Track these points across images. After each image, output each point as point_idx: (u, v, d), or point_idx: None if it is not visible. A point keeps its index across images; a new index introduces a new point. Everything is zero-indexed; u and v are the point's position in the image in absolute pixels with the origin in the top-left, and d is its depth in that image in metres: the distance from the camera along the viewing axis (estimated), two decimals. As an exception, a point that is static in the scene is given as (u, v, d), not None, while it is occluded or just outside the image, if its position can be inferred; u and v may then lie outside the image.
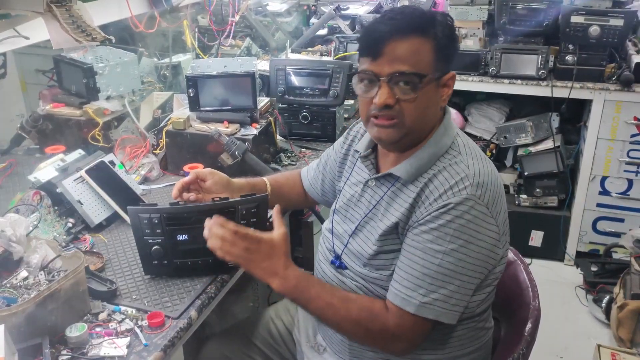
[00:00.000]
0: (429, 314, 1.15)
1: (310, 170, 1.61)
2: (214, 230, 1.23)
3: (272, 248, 1.23)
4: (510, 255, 1.50)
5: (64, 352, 1.13)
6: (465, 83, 3.01)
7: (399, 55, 1.15)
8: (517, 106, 3.33)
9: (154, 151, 1.96)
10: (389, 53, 1.16)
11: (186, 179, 1.41)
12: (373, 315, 1.20)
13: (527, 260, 1.73)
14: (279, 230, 1.26)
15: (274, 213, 1.29)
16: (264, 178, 1.57)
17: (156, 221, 1.32)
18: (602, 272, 2.94)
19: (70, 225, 1.54)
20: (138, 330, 1.20)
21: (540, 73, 2.87)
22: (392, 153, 1.29)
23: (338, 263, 1.34)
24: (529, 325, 1.30)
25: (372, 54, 1.18)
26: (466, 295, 1.17)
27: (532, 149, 3.07)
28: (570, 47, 2.83)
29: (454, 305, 1.16)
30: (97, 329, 1.20)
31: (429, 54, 1.17)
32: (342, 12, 3.03)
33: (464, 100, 3.42)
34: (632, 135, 2.82)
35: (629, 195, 2.92)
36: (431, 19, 1.19)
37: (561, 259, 3.14)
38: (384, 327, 1.19)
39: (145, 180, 1.88)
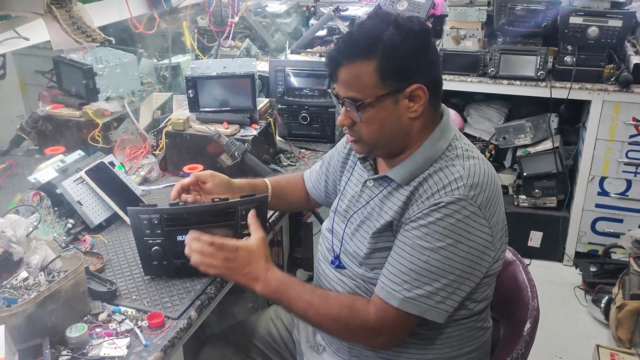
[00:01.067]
0: (413, 310, 1.16)
1: (313, 172, 1.61)
2: (193, 246, 1.26)
3: (250, 253, 1.26)
4: (509, 255, 1.51)
5: (64, 352, 1.14)
6: (464, 84, 3.01)
7: (345, 81, 1.20)
8: (516, 107, 3.33)
9: (154, 152, 1.96)
10: (340, 78, 1.21)
11: (186, 180, 1.42)
12: (353, 311, 1.21)
13: (526, 261, 1.73)
14: (255, 234, 1.29)
15: (249, 218, 1.32)
16: (266, 179, 1.58)
17: (156, 222, 1.32)
18: (601, 273, 2.94)
19: (70, 226, 1.54)
20: (138, 331, 1.20)
21: (539, 74, 2.87)
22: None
23: (337, 263, 1.34)
24: (527, 326, 1.30)
25: (332, 78, 1.23)
26: (454, 295, 1.17)
27: (531, 149, 3.07)
28: (569, 48, 2.83)
29: (439, 303, 1.16)
30: (97, 330, 1.20)
31: (371, 76, 1.16)
32: (341, 13, 3.03)
33: (463, 101, 3.42)
34: (631, 136, 2.82)
35: (627, 195, 2.93)
36: (377, 38, 1.15)
37: (560, 260, 3.15)
38: (365, 322, 1.20)
39: (144, 181, 1.88)
